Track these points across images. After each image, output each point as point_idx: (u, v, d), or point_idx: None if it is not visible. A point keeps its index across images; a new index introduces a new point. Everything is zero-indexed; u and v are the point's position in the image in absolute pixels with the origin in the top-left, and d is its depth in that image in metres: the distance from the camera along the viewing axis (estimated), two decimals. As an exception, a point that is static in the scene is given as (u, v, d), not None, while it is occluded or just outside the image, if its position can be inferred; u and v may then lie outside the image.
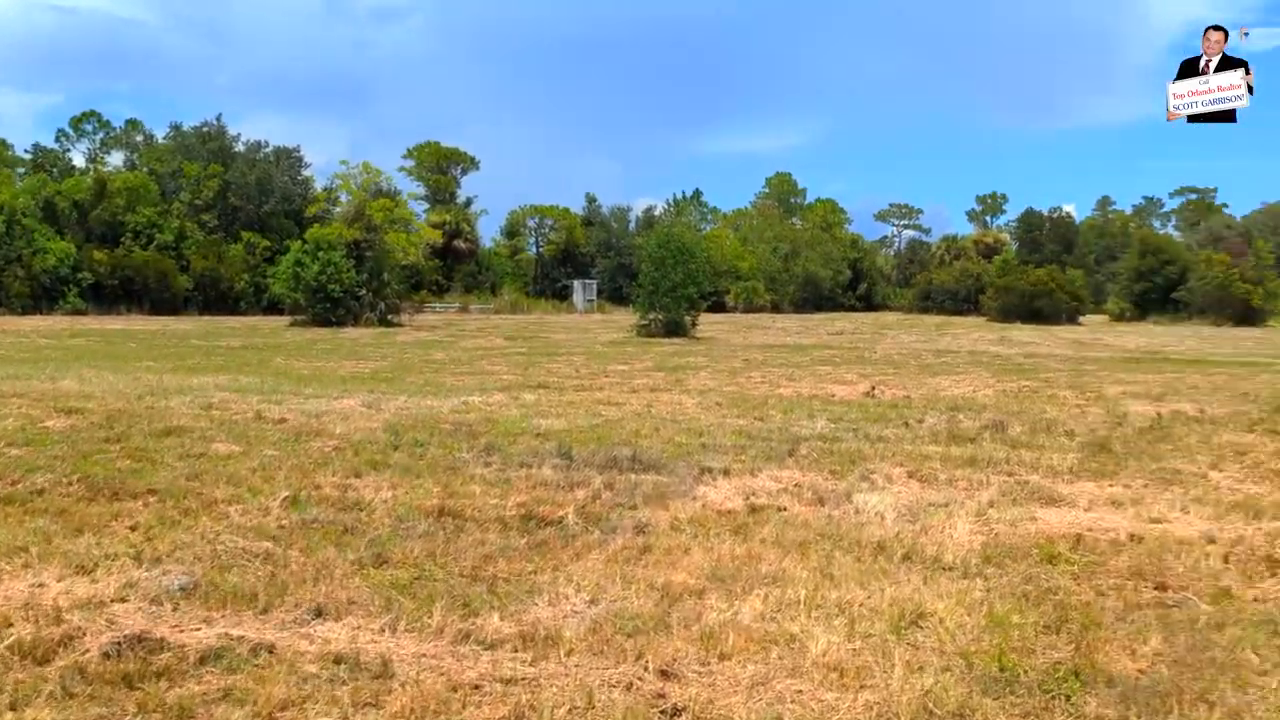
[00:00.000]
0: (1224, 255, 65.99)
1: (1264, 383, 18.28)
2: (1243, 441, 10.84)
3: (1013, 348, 32.24)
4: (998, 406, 13.90)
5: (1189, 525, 7.01)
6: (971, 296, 71.44)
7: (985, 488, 8.25)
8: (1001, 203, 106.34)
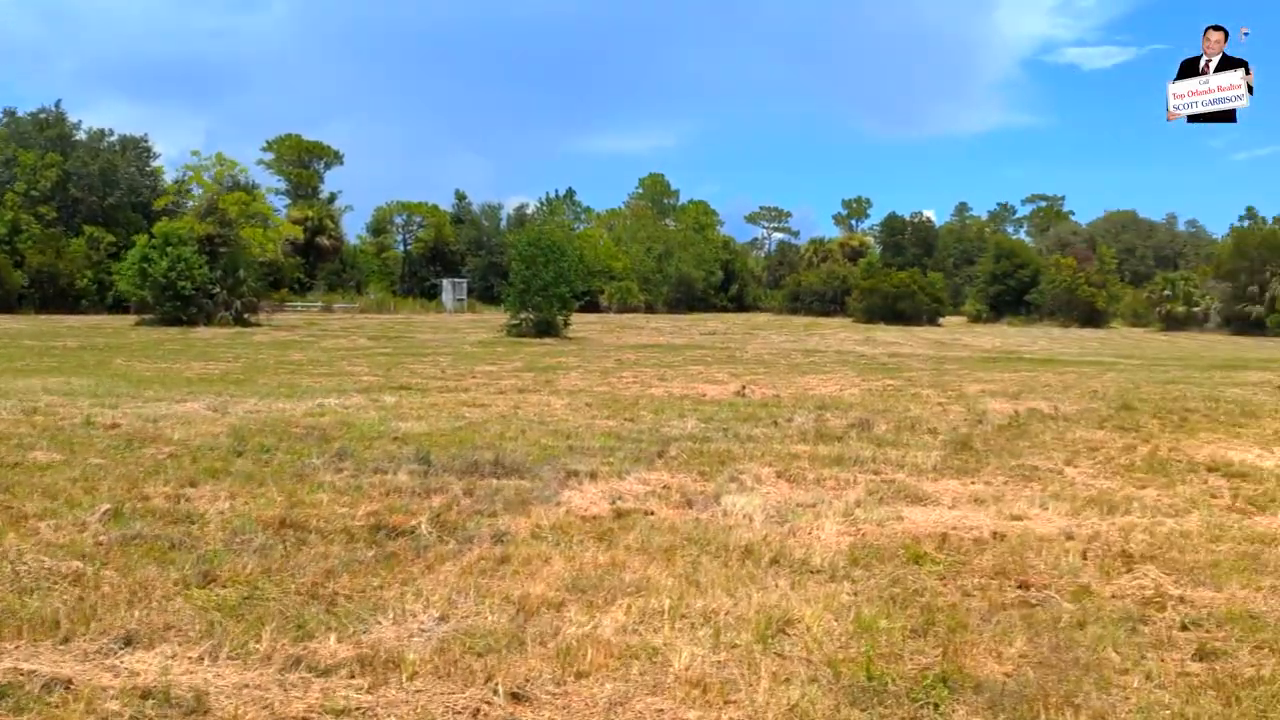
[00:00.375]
0: (1071, 260, 69.56)
1: (1110, 381, 19.12)
2: (1094, 438, 11.18)
3: (877, 348, 33.07)
4: (864, 405, 14.04)
5: (1048, 522, 7.07)
6: (838, 298, 73.32)
7: (852, 487, 8.20)
8: (866, 207, 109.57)
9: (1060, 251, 75.13)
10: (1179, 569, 5.88)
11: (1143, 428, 12.14)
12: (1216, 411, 13.83)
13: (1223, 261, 61.39)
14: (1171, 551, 6.27)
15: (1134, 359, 29.11)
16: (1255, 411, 13.91)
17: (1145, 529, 6.86)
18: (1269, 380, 19.87)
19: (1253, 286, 56.71)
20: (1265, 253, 56.79)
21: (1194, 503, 7.79)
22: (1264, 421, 12.95)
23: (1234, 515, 7.41)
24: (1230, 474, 9.11)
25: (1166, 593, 5.39)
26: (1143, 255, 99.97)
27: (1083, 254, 72.67)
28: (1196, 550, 6.30)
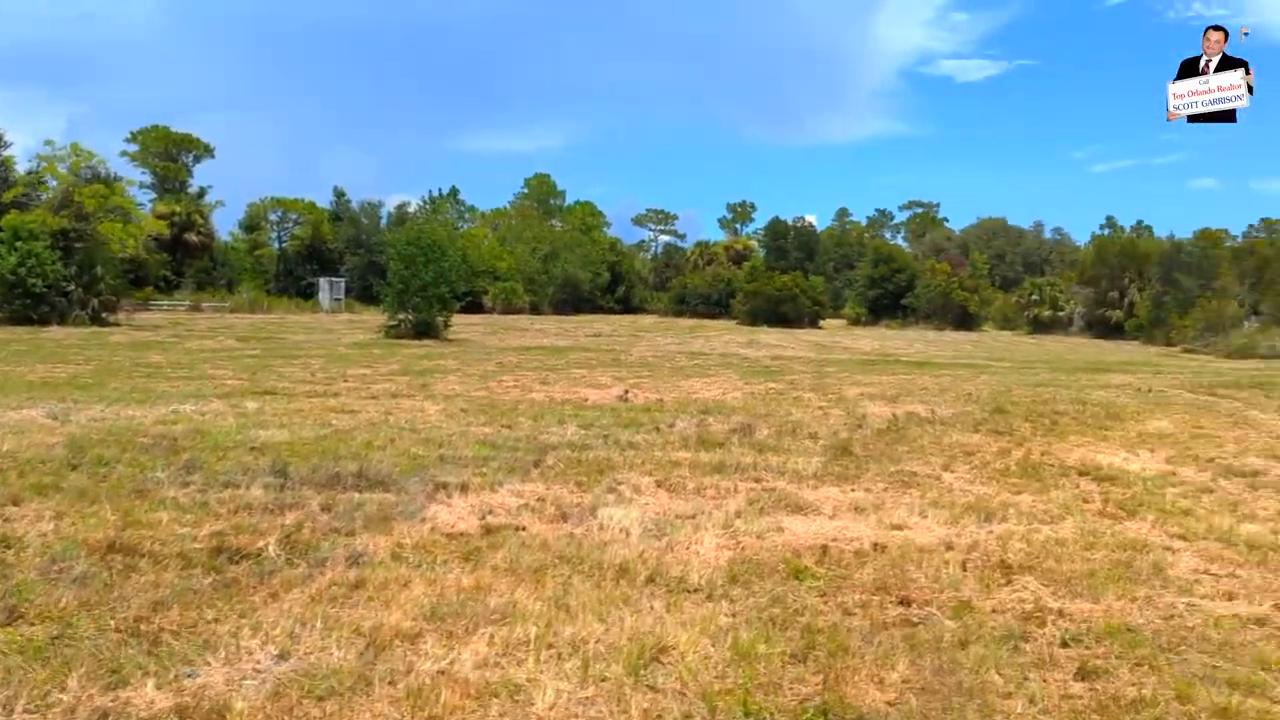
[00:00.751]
0: (946, 265, 71.82)
1: (983, 384, 19.56)
2: (970, 442, 11.28)
3: (761, 350, 33.30)
4: (746, 409, 13.92)
5: (928, 531, 6.96)
6: (723, 300, 73.98)
7: (733, 496, 7.98)
8: (750, 211, 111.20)
9: (935, 257, 77.56)
10: (1056, 579, 5.81)
11: (1016, 431, 12.34)
12: (1084, 414, 14.20)
13: (1085, 268, 64.32)
14: (1048, 561, 6.22)
15: (1005, 361, 30.05)
16: (1119, 414, 14.34)
17: (1022, 537, 6.82)
18: (1130, 383, 20.66)
19: (1113, 292, 59.55)
20: (1124, 260, 59.73)
21: (1067, 508, 7.82)
22: (1128, 424, 13.34)
23: (1106, 521, 7.46)
24: (1100, 478, 9.24)
25: (1046, 606, 5.29)
26: (1012, 261, 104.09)
27: (956, 259, 75.14)
28: (1072, 559, 6.26)
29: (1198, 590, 5.66)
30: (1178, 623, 5.08)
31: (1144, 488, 8.73)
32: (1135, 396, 17.44)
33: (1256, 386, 20.30)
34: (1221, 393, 18.69)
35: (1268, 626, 5.06)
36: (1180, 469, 9.75)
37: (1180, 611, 5.25)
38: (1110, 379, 22.29)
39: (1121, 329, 57.23)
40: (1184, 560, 6.33)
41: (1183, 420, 13.80)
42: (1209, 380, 21.96)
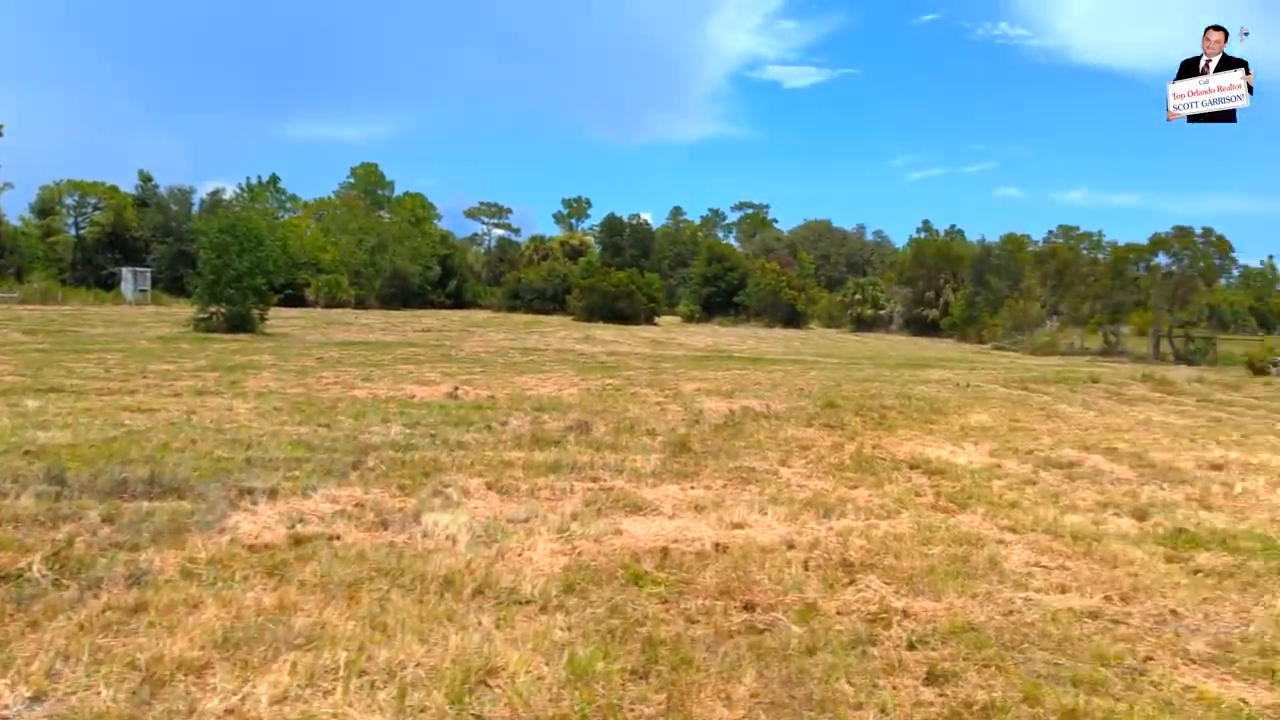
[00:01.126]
0: (775, 264, 73.86)
1: (814, 379, 19.91)
2: (805, 436, 11.28)
3: (597, 346, 33.08)
4: (583, 406, 13.56)
5: (769, 529, 6.76)
6: (559, 296, 73.59)
7: (569, 497, 7.58)
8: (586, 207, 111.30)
9: (765, 256, 79.68)
10: (898, 577, 5.69)
11: (847, 425, 12.46)
12: (910, 408, 14.55)
13: (904, 269, 67.45)
14: (888, 558, 6.11)
15: (832, 358, 30.91)
16: (942, 409, 14.78)
17: (861, 533, 6.72)
18: (949, 379, 21.51)
19: (929, 292, 62.66)
20: (939, 262, 62.94)
21: (902, 503, 7.81)
22: (950, 418, 13.74)
23: (939, 514, 7.47)
24: (930, 471, 9.35)
25: (890, 606, 5.13)
26: (837, 262, 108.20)
27: (785, 259, 77.40)
28: (911, 555, 6.17)
29: (1032, 584, 5.64)
30: (1017, 619, 5.01)
31: (972, 480, 8.86)
32: (955, 391, 18.10)
33: (1061, 381, 21.52)
34: (1033, 387, 19.68)
35: (1101, 619, 5.05)
36: (1003, 461, 10.01)
37: (1019, 607, 5.20)
38: (930, 374, 23.17)
39: (938, 327, 60.26)
40: (1016, 553, 6.35)
41: (1000, 414, 14.34)
42: (1020, 376, 23.16)
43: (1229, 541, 6.70)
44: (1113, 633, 4.84)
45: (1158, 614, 5.13)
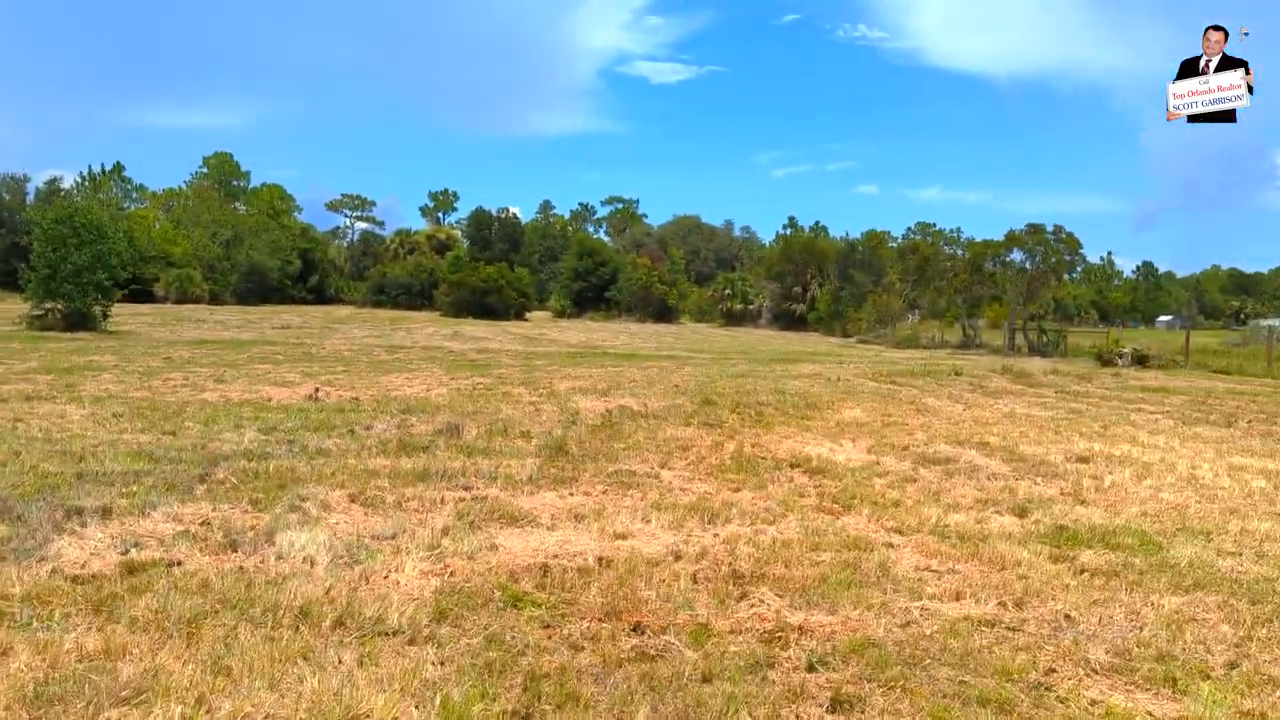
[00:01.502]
0: (646, 259, 74.11)
1: (689, 375, 19.78)
2: (683, 436, 11.03)
3: (466, 343, 32.29)
4: (453, 407, 12.99)
5: (654, 539, 6.43)
6: (426, 291, 71.91)
7: (440, 509, 7.08)
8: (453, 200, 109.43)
9: (636, 251, 79.83)
10: (790, 588, 5.44)
11: (725, 423, 12.29)
12: (785, 404, 14.51)
13: (772, 264, 68.65)
14: (778, 566, 5.86)
15: (705, 353, 30.99)
16: (816, 404, 14.80)
17: (749, 540, 6.46)
18: (820, 373, 21.74)
19: (797, 287, 63.93)
20: (806, 257, 64.29)
21: (787, 505, 7.61)
22: (825, 413, 13.75)
23: (825, 517, 7.29)
24: (811, 470, 9.21)
25: (786, 621, 4.86)
26: (706, 257, 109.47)
27: (656, 254, 77.75)
28: (801, 563, 5.94)
29: (926, 591, 5.48)
30: (916, 631, 4.81)
31: (853, 479, 8.76)
32: (827, 386, 18.24)
33: (927, 374, 22.03)
34: (900, 381, 20.04)
35: (998, 628, 4.91)
36: (882, 458, 9.97)
37: (916, 618, 5.01)
38: (802, 368, 23.40)
39: (805, 321, 61.52)
40: (905, 557, 6.20)
41: (873, 408, 14.45)
42: (887, 369, 23.62)
43: (1108, 538, 6.73)
44: (1012, 642, 4.69)
45: (1053, 619, 5.02)
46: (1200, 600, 5.36)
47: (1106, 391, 19.16)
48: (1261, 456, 10.78)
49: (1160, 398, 17.98)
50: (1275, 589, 5.63)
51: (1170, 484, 8.91)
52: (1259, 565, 6.16)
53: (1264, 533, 7.01)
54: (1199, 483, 9.03)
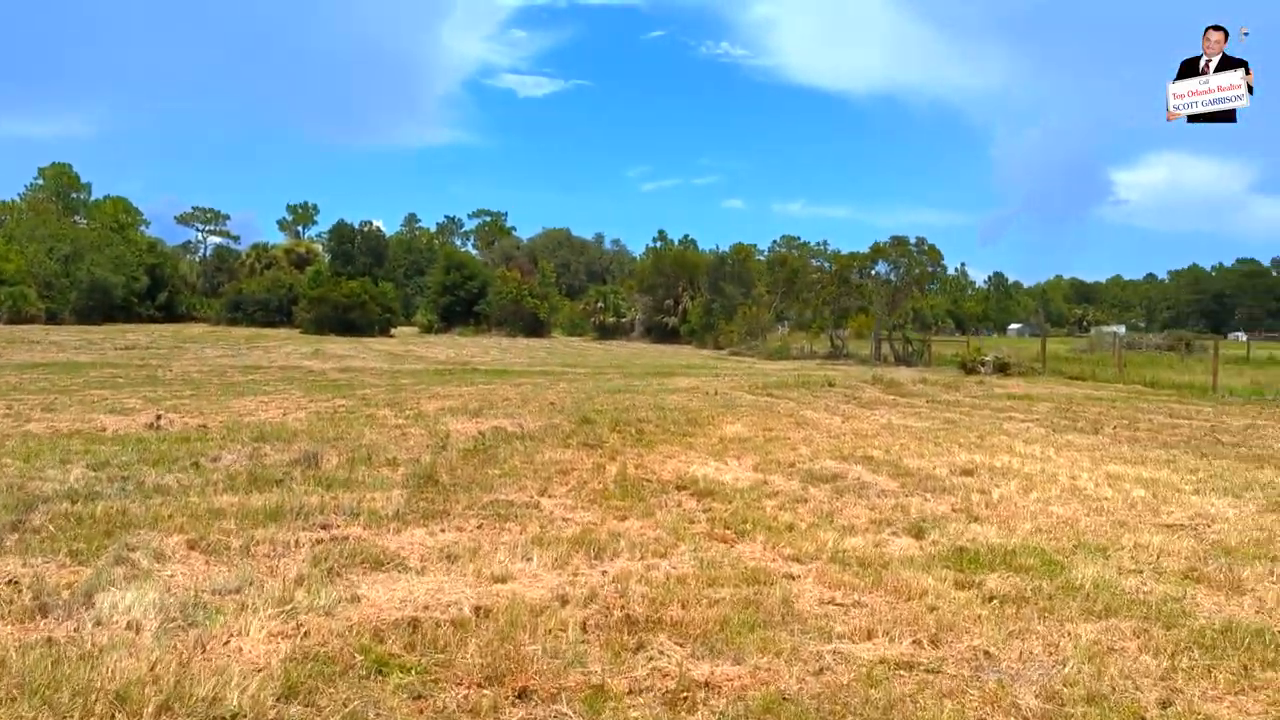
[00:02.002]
0: (516, 273, 73.12)
1: (564, 392, 19.19)
2: (563, 459, 10.46)
3: (328, 361, 30.85)
4: (311, 433, 12.07)
5: (537, 581, 5.84)
6: (285, 308, 69.07)
7: (294, 553, 6.32)
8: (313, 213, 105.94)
9: (505, 264, 78.65)
10: (690, 634, 4.94)
11: (606, 443, 11.77)
12: (666, 421, 14.10)
13: (644, 277, 68.69)
14: (675, 608, 5.35)
15: (579, 367, 30.44)
16: (697, 419, 14.45)
17: (641, 577, 5.94)
18: (697, 386, 21.49)
19: (669, 299, 64.10)
20: (677, 270, 64.55)
21: (677, 534, 7.14)
22: (707, 429, 13.39)
23: (718, 546, 6.85)
24: (699, 492, 8.78)
25: (690, 677, 4.35)
26: (577, 270, 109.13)
27: (526, 268, 76.85)
28: (699, 602, 5.46)
29: (834, 629, 5.06)
30: (832, 680, 4.38)
31: (743, 501, 8.36)
32: (706, 400, 17.96)
33: (802, 386, 22.06)
34: (777, 393, 19.96)
35: (917, 670, 4.52)
36: (769, 477, 9.63)
37: (829, 663, 4.58)
38: (678, 382, 23.12)
39: (678, 333, 61.72)
40: (807, 589, 5.80)
41: (753, 423, 14.18)
42: (762, 381, 23.58)
43: (1009, 559, 6.49)
44: (935, 688, 4.30)
45: (972, 658, 4.67)
46: (1115, 627, 5.11)
47: (975, 400, 19.51)
48: (1134, 464, 10.92)
49: (1027, 405, 18.39)
50: (1184, 610, 5.45)
51: (1056, 496, 8.84)
52: (1161, 584, 6.00)
53: (1157, 547, 6.92)
54: (1082, 494, 8.99)
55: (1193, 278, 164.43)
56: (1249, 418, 16.68)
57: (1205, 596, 5.77)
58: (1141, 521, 7.82)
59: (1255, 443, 13.24)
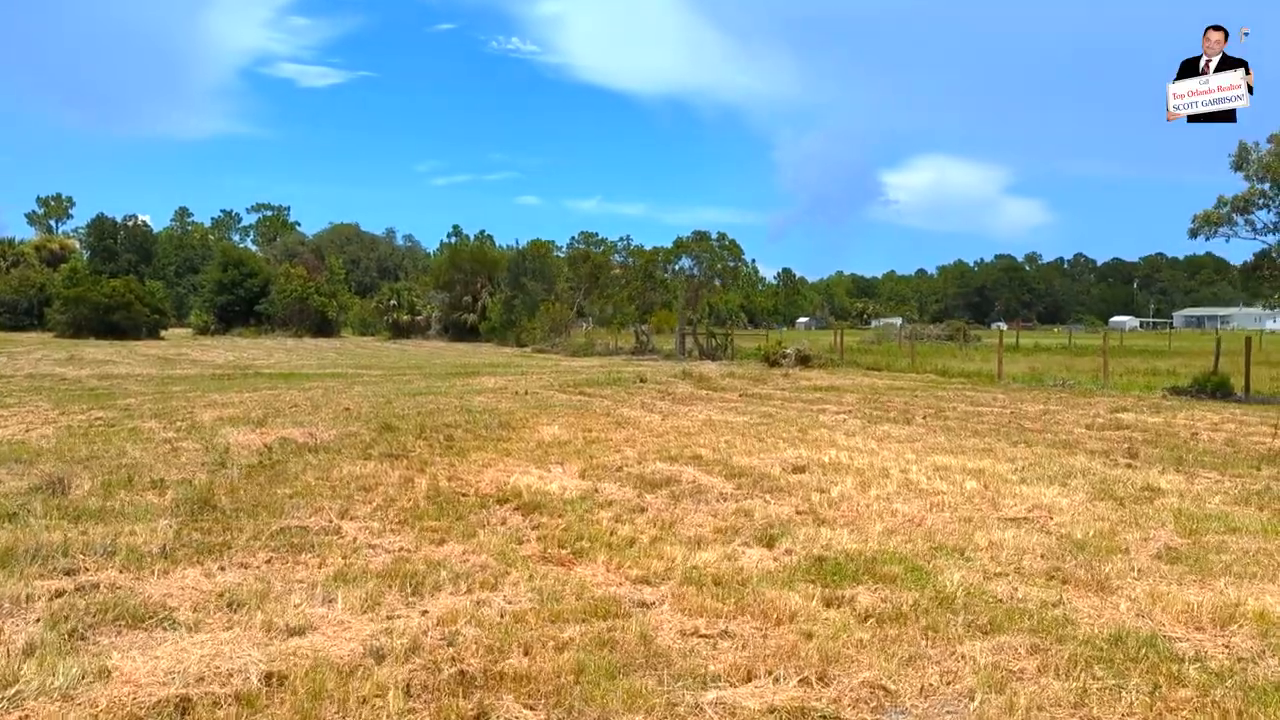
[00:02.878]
0: (301, 269, 69.06)
1: (360, 396, 17.73)
2: (365, 473, 9.29)
3: (85, 368, 27.63)
4: (60, 452, 10.29)
5: (343, 631, 4.80)
6: (36, 309, 62.48)
7: (24, 612, 5.01)
8: (69, 206, 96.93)
9: (290, 261, 74.19)
10: (540, 690, 4.09)
11: (412, 452, 10.67)
12: (476, 425, 13.09)
13: (440, 273, 66.38)
14: (516, 655, 4.48)
15: (375, 369, 28.63)
16: (510, 422, 13.51)
17: (471, 617, 5.02)
18: (505, 386, 20.47)
19: (467, 296, 62.24)
20: (475, 266, 62.76)
21: (506, 558, 6.24)
22: (522, 432, 12.49)
23: (555, 570, 6.00)
24: (524, 507, 7.89)
25: (549, 753, 3.50)
26: (367, 267, 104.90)
27: (312, 264, 72.83)
28: (545, 646, 4.60)
29: (708, 669, 4.33)
30: (720, 740, 3.63)
31: (575, 515, 7.54)
32: (516, 400, 17.01)
33: (614, 383, 21.46)
34: (589, 391, 19.25)
35: (813, 719, 3.85)
36: (599, 484, 8.85)
37: (712, 717, 3.83)
38: (484, 381, 22.01)
39: (477, 331, 60.02)
40: (666, 619, 5.05)
41: (571, 424, 13.40)
42: (572, 379, 22.82)
43: (871, 568, 5.99)
44: (842, 742, 3.63)
45: (869, 697, 4.05)
46: (1007, 645, 4.64)
47: (786, 393, 19.51)
48: (955, 454, 10.89)
49: (836, 396, 18.51)
50: (1066, 618, 5.07)
51: (894, 492, 8.53)
52: (1030, 587, 5.64)
53: (1011, 544, 6.63)
54: (918, 488, 8.73)
55: (958, 273, 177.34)
56: (1040, 403, 17.39)
57: (1079, 599, 5.44)
58: (985, 517, 7.57)
59: (1056, 428, 13.65)
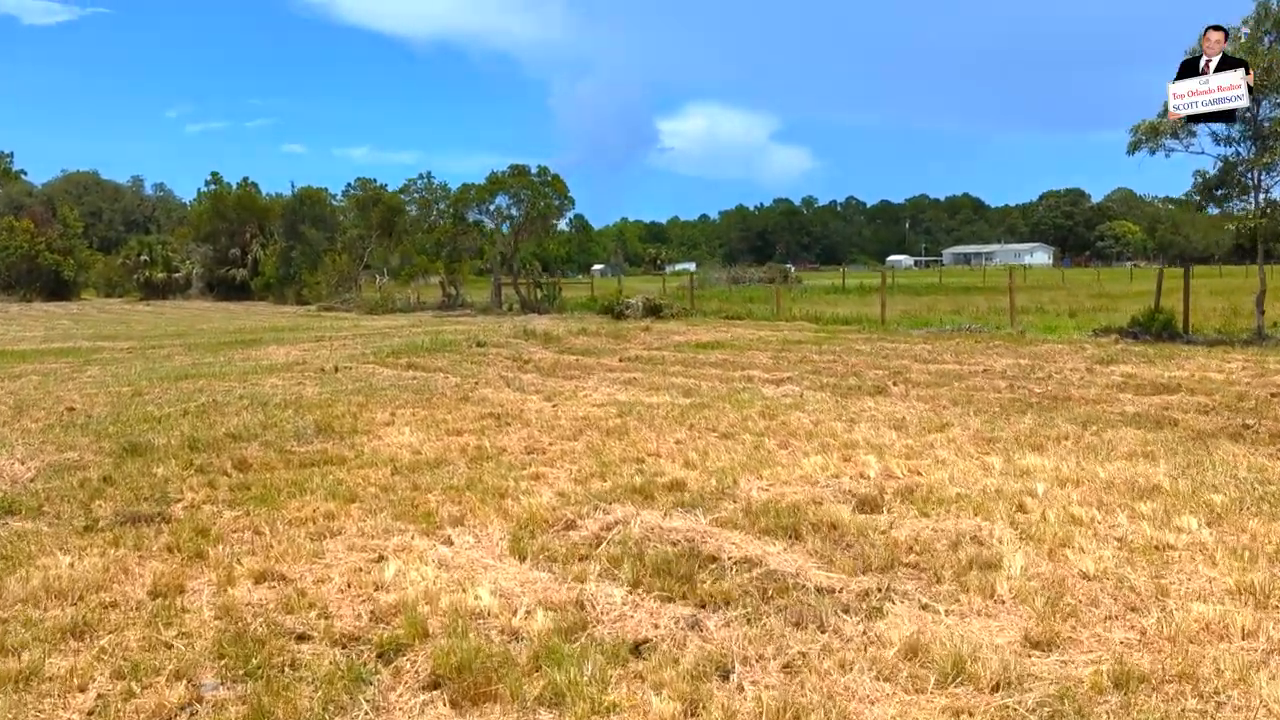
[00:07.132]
0: (28, 223, 58.57)
1: (94, 383, 12.35)
2: (79, 584, 4.62)
3: None
4: None
5: None
6: None
7: None
8: None
9: (15, 215, 62.99)
10: None
11: (178, 503, 6.03)
12: (281, 433, 8.43)
13: (201, 224, 57.77)
14: None
15: (122, 340, 22.34)
16: (330, 423, 8.93)
17: None
18: (302, 360, 15.44)
19: (234, 249, 54.37)
20: (242, 215, 54.82)
21: None
22: (358, 443, 7.97)
23: None
24: (449, 675, 3.58)
25: None
26: (111, 220, 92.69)
27: (42, 217, 62.10)
28: None
29: None
30: None
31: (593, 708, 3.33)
32: (325, 382, 12.21)
33: (445, 349, 16.81)
34: (419, 362, 14.65)
35: None
36: (575, 587, 4.62)
37: None
38: (271, 354, 16.82)
39: (248, 288, 52.51)
40: None
41: (425, 421, 8.97)
42: (385, 346, 17.93)
43: None
44: None
45: None
46: None
47: (670, 353, 15.57)
48: (1034, 450, 7.36)
49: (740, 356, 14.74)
50: None
51: (1111, 559, 4.80)
52: None
53: None
54: (1126, 543, 5.05)
55: (740, 216, 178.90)
56: (994, 356, 14.29)
57: None
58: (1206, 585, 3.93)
59: (1099, 397, 10.44)
